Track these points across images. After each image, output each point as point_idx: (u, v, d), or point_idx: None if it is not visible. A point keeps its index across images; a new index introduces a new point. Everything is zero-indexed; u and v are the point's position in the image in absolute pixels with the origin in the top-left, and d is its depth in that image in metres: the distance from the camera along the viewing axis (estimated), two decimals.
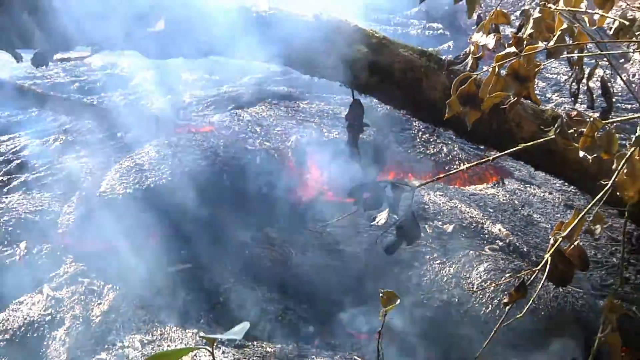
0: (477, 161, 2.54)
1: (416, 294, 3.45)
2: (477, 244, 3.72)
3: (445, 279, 3.48)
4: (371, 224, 2.54)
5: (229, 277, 3.63)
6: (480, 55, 2.55)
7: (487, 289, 3.31)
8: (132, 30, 3.13)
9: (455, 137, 4.67)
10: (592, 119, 1.89)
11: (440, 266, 3.54)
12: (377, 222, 2.41)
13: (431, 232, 3.76)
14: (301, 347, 3.26)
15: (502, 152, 2.55)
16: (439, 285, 3.46)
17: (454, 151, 4.75)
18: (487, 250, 3.67)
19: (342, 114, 3.38)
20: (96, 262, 3.65)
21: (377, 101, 3.82)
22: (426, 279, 3.51)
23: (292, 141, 4.32)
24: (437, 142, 4.81)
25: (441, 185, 4.33)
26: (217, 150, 4.11)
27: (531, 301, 2.02)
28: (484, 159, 2.41)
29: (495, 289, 3.29)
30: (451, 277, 3.47)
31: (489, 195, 4.37)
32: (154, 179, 3.88)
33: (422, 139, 4.82)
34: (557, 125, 1.97)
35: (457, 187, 4.44)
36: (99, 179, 4.08)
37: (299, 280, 3.65)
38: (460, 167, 3.85)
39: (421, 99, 3.21)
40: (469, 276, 3.44)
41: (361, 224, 3.81)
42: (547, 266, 1.89)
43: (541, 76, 5.83)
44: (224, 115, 4.74)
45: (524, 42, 2.08)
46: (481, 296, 3.31)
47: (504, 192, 4.46)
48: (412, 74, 3.18)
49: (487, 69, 2.06)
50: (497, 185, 4.55)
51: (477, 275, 3.43)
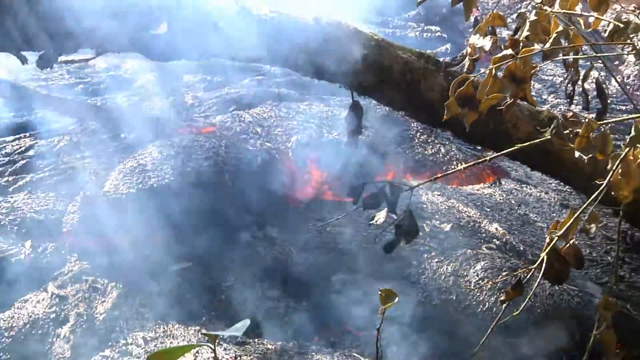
0: (475, 161, 2.55)
1: (414, 291, 3.46)
2: (475, 243, 3.74)
3: (443, 277, 3.49)
4: (370, 222, 2.56)
5: (230, 276, 3.64)
6: (477, 57, 2.54)
7: (484, 287, 3.32)
8: (136, 32, 3.14)
9: (453, 137, 4.70)
10: (587, 120, 1.90)
11: (438, 264, 3.56)
12: (376, 221, 2.41)
13: (429, 231, 3.77)
14: (301, 344, 3.26)
15: (499, 153, 2.56)
16: (437, 283, 3.48)
17: (451, 151, 4.77)
18: (484, 248, 3.69)
19: (341, 115, 3.38)
20: (100, 261, 3.65)
21: (376, 102, 3.83)
22: (424, 277, 3.52)
23: (292, 142, 4.33)
24: (435, 142, 4.84)
25: (439, 185, 4.35)
26: (218, 150, 4.11)
27: (527, 299, 2.02)
28: (481, 159, 2.42)
29: (492, 287, 3.31)
30: (449, 275, 3.49)
31: (486, 194, 4.39)
32: (156, 179, 3.89)
33: (421, 140, 4.84)
34: (553, 126, 1.97)
35: (454, 187, 4.45)
36: (103, 179, 4.09)
37: (299, 278, 3.66)
38: (457, 167, 3.85)
39: (419, 100, 3.21)
40: (466, 274, 3.46)
41: (360, 223, 3.82)
42: (543, 264, 1.89)
43: (537, 78, 5.87)
44: (225, 116, 4.76)
45: (521, 44, 2.09)
46: (478, 294, 3.33)
47: (501, 191, 4.49)
48: (411, 76, 3.17)
49: (484, 70, 2.06)
50: (494, 185, 4.57)
51: (475, 273, 3.45)
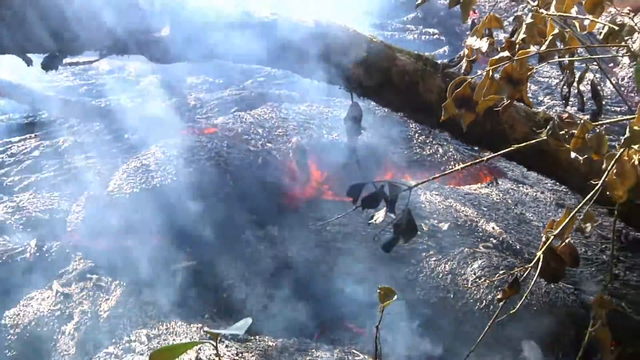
0: (472, 162, 2.58)
1: (413, 289, 3.49)
2: (472, 242, 3.75)
3: (440, 275, 3.52)
4: (369, 222, 2.58)
5: (232, 274, 3.67)
6: (474, 58, 2.57)
7: (481, 285, 3.34)
8: (139, 35, 3.16)
9: (450, 138, 4.73)
10: (582, 121, 1.91)
11: (435, 263, 3.58)
12: (375, 220, 2.42)
13: (427, 230, 3.78)
14: (301, 342, 3.28)
15: (496, 153, 2.57)
16: (435, 281, 3.50)
17: (449, 152, 4.79)
18: (481, 247, 3.70)
19: (341, 116, 3.41)
20: (104, 259, 3.67)
21: (375, 104, 3.86)
22: (422, 275, 3.55)
23: (293, 142, 4.33)
24: (433, 143, 4.86)
25: (437, 185, 4.35)
26: (220, 151, 4.13)
27: (524, 297, 2.02)
28: (479, 160, 2.43)
29: (489, 285, 3.33)
30: (447, 273, 3.51)
31: (483, 194, 4.41)
32: (159, 179, 3.91)
33: (419, 141, 4.86)
34: (549, 127, 1.99)
35: (452, 186, 4.46)
36: (107, 179, 4.12)
37: (299, 276, 3.69)
38: (455, 168, 3.87)
39: (418, 102, 3.22)
40: (463, 273, 3.48)
41: (359, 222, 3.84)
42: (539, 263, 1.90)
43: (533, 80, 5.87)
44: (227, 117, 4.76)
45: (517, 46, 2.12)
46: (476, 292, 3.35)
47: (498, 191, 4.50)
48: (409, 78, 3.17)
49: (481, 72, 2.08)
50: (491, 185, 4.58)
51: (472, 271, 3.48)
